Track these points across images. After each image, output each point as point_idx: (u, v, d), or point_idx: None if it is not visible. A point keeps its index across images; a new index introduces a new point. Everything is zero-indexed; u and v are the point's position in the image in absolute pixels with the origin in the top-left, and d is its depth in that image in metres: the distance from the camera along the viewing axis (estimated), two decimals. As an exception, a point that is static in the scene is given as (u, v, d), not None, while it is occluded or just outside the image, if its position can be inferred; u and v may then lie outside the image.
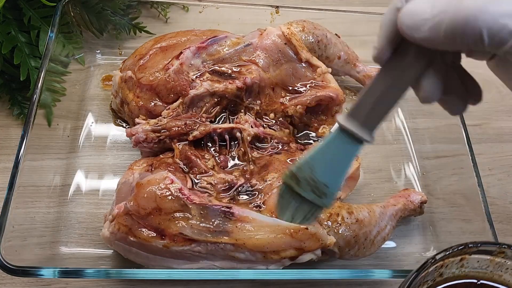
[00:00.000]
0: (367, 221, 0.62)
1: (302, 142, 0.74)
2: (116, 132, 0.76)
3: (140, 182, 0.59)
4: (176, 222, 0.57)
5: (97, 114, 0.78)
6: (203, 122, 0.67)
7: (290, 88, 0.74)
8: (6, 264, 0.53)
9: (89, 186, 0.70)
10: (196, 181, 0.62)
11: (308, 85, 0.74)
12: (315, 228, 0.58)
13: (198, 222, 0.57)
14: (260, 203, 0.61)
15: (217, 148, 0.68)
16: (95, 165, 0.72)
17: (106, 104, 0.79)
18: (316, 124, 0.75)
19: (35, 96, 0.65)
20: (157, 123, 0.66)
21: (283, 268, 0.60)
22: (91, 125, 0.76)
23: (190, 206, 0.57)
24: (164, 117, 0.66)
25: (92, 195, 0.70)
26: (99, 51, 0.84)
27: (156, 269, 0.58)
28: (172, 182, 0.58)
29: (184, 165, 0.64)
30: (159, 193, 0.57)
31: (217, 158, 0.67)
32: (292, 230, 0.57)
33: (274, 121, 0.72)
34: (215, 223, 0.57)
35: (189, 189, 0.60)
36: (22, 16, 0.75)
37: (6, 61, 0.75)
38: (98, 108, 0.78)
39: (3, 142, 0.74)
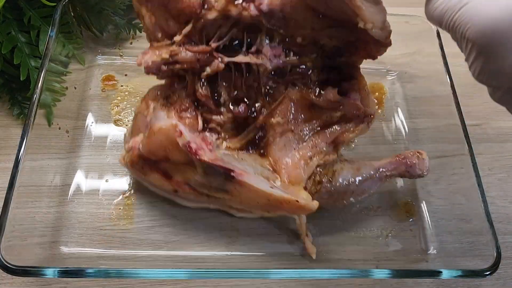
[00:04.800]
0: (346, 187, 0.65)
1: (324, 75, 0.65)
2: (116, 132, 0.76)
3: (152, 129, 0.60)
4: (183, 172, 0.61)
5: (97, 114, 0.78)
6: (217, 55, 0.60)
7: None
8: (6, 264, 0.53)
9: (89, 186, 0.70)
10: (207, 120, 0.63)
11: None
12: (305, 201, 0.59)
13: (201, 177, 0.60)
14: (262, 152, 0.64)
15: (232, 82, 0.63)
16: (95, 165, 0.72)
17: (106, 104, 0.79)
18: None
19: (35, 96, 0.65)
20: (167, 54, 0.60)
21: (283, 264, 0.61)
22: (91, 125, 0.76)
23: (196, 162, 0.59)
24: (175, 44, 0.60)
25: (92, 195, 0.70)
26: (99, 51, 0.84)
27: (156, 269, 0.58)
28: (181, 134, 0.59)
29: (195, 102, 0.63)
30: (167, 145, 0.59)
31: (230, 92, 0.63)
32: (283, 201, 0.59)
33: (300, 47, 0.62)
34: (216, 182, 0.60)
35: (199, 132, 0.62)
36: (22, 16, 0.75)
37: (6, 61, 0.75)
38: (98, 108, 0.78)
39: (3, 142, 0.74)
